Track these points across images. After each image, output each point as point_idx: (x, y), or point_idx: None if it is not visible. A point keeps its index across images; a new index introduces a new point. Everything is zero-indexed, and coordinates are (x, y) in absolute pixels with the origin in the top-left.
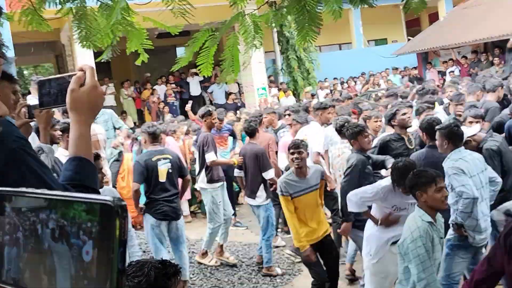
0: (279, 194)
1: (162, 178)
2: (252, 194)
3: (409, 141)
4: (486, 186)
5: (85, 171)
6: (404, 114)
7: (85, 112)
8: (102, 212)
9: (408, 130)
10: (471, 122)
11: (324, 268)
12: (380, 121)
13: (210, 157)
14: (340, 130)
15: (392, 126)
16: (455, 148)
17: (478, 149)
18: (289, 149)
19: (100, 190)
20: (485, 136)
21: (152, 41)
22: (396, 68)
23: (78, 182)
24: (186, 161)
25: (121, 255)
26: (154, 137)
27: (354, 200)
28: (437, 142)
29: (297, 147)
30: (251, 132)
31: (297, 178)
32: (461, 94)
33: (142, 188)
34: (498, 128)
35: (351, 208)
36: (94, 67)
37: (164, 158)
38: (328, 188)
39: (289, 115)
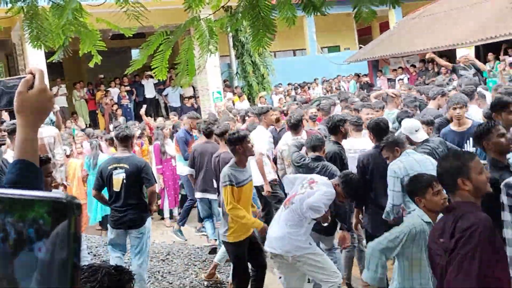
0: (223, 186)
1: (116, 187)
2: (211, 189)
3: None
4: None
5: (29, 175)
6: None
7: (32, 115)
8: (55, 209)
9: None
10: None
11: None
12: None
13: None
14: (293, 127)
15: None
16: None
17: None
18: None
19: None
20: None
21: (106, 43)
22: (358, 75)
23: (21, 186)
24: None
25: (75, 251)
26: (120, 141)
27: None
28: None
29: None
30: (208, 134)
31: (239, 168)
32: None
33: None
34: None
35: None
36: (46, 68)
37: (120, 167)
38: (264, 192)
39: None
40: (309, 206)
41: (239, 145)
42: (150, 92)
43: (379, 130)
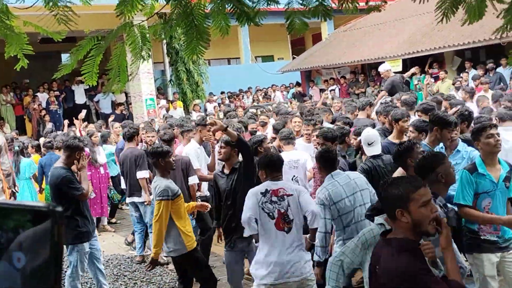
0: (158, 200)
1: None
2: (137, 193)
3: None
4: (365, 204)
5: None
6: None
7: None
8: (37, 218)
9: None
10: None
11: None
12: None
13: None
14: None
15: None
16: (328, 173)
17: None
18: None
19: None
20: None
21: (35, 46)
22: (298, 84)
23: None
24: None
25: (57, 258)
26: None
27: None
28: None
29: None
30: (129, 137)
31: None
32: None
33: None
34: None
35: None
36: None
37: None
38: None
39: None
40: (315, 215)
41: (161, 159)
42: (80, 98)
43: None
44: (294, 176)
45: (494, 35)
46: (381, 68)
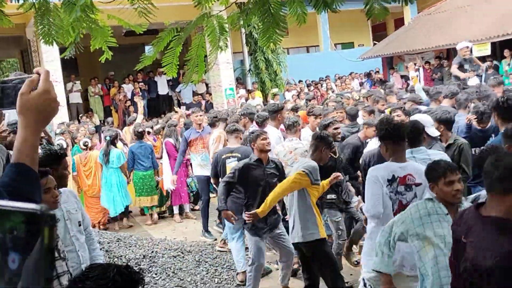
0: (302, 171)
1: None
2: None
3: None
4: None
5: (23, 179)
6: (336, 128)
7: (33, 117)
8: (29, 220)
9: None
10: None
11: None
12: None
13: None
14: (289, 127)
15: None
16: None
17: None
18: None
19: (61, 190)
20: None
21: (119, 39)
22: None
23: (13, 189)
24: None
25: (49, 263)
26: (231, 134)
27: None
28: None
29: None
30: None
31: None
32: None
33: None
34: None
35: None
36: (60, 64)
37: (233, 156)
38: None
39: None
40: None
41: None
42: (163, 88)
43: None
44: None
45: None
46: (458, 46)
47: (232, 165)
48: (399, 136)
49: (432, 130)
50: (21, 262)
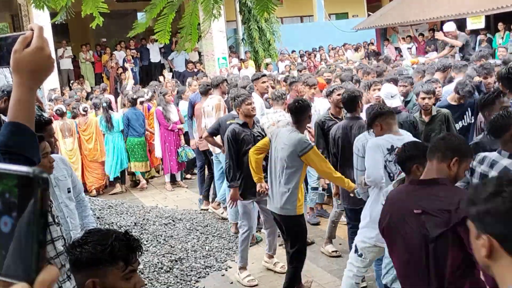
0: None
1: None
2: None
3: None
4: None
5: (19, 138)
6: (339, 94)
7: (27, 74)
8: (21, 183)
9: None
10: (423, 98)
11: None
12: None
13: None
14: (276, 99)
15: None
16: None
17: None
18: None
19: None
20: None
21: (111, 5)
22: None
23: (10, 149)
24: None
25: (41, 227)
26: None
27: None
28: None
29: None
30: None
31: None
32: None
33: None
34: None
35: None
36: (51, 29)
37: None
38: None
39: None
40: None
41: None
42: (155, 56)
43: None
44: None
45: None
46: (446, 27)
47: None
48: (389, 111)
49: (391, 102)
50: (14, 226)
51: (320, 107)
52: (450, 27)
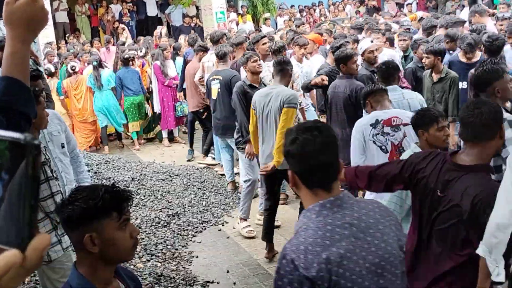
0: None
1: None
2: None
3: None
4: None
5: (15, 93)
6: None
7: (20, 27)
8: (12, 149)
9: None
10: (427, 57)
11: None
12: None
13: None
14: (274, 52)
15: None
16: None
17: None
18: None
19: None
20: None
21: None
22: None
23: (5, 104)
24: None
25: (33, 192)
26: (220, 58)
27: None
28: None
29: None
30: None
31: None
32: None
33: None
34: None
35: None
36: None
37: (217, 79)
38: None
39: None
40: None
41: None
42: (152, 10)
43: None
44: None
45: None
46: None
47: (215, 87)
48: (378, 89)
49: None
50: (4, 190)
51: (313, 67)
52: None
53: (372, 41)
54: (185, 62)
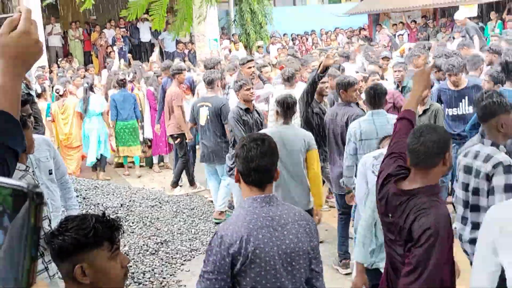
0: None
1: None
2: None
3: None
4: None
5: (3, 127)
6: (323, 82)
7: (13, 60)
8: (15, 198)
9: None
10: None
11: None
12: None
13: None
14: (288, 79)
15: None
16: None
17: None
18: None
19: (34, 136)
20: None
21: None
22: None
23: None
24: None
25: (34, 242)
26: (207, 84)
27: None
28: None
29: None
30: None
31: None
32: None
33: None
34: None
35: None
36: (40, 8)
37: (206, 105)
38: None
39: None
40: None
41: None
42: (145, 35)
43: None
44: None
45: None
46: (458, 15)
47: (204, 113)
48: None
49: None
50: (6, 240)
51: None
52: (462, 14)
53: (357, 72)
54: (164, 92)
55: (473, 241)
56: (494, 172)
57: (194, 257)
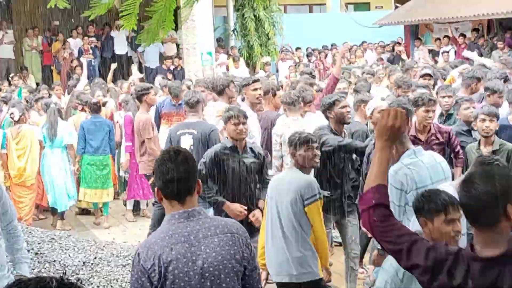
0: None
1: None
2: None
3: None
4: None
5: None
6: (343, 107)
7: None
8: None
9: None
10: (483, 120)
11: None
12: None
13: None
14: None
15: (327, 117)
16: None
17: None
18: None
19: None
20: None
21: None
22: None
23: None
24: None
25: None
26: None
27: None
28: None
29: None
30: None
31: None
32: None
33: None
34: None
35: None
36: None
37: (189, 133)
38: None
39: None
40: None
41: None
42: (121, 47)
43: None
44: None
45: None
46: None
47: (187, 142)
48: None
49: None
50: None
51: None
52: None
53: (383, 99)
54: (159, 115)
55: None
56: None
57: None
